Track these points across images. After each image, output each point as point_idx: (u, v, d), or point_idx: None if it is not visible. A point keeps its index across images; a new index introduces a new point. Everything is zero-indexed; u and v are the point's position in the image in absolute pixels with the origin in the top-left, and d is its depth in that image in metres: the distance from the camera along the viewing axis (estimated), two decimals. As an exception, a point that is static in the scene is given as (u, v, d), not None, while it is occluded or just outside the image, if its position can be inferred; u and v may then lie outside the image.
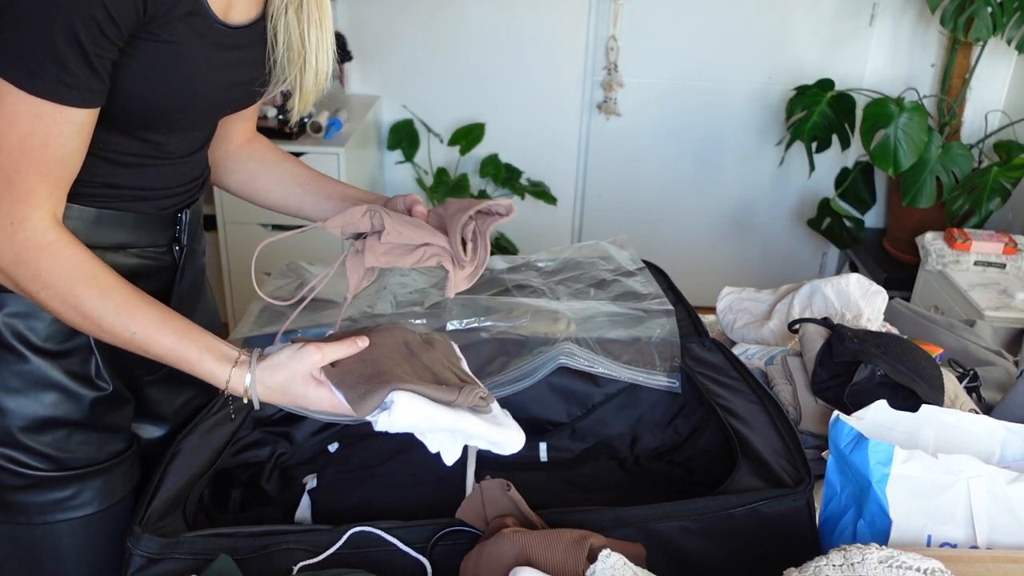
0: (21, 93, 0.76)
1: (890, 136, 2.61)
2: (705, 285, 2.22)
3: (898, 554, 0.73)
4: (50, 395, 0.92)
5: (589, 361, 1.15)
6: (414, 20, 3.03)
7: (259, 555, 0.88)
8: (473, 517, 0.91)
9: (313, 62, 0.95)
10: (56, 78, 0.77)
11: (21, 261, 0.81)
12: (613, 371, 1.15)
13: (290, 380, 0.86)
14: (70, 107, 0.79)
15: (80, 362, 0.94)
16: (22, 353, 0.90)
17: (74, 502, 0.94)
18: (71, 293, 0.82)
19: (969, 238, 2.53)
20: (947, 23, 2.66)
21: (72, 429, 0.94)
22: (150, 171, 0.94)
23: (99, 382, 0.95)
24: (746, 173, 3.25)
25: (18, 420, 0.91)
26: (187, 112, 0.92)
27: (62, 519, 0.94)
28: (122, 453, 0.99)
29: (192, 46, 0.85)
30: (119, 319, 0.84)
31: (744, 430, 1.06)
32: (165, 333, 0.85)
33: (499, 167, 3.17)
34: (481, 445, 0.92)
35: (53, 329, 0.91)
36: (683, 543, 0.92)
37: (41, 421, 0.92)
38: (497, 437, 0.90)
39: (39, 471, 0.92)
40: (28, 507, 0.93)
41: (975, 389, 1.38)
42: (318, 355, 0.86)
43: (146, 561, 0.87)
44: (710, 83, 3.11)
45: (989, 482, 0.88)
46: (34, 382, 0.91)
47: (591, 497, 1.15)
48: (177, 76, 0.86)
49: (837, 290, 1.41)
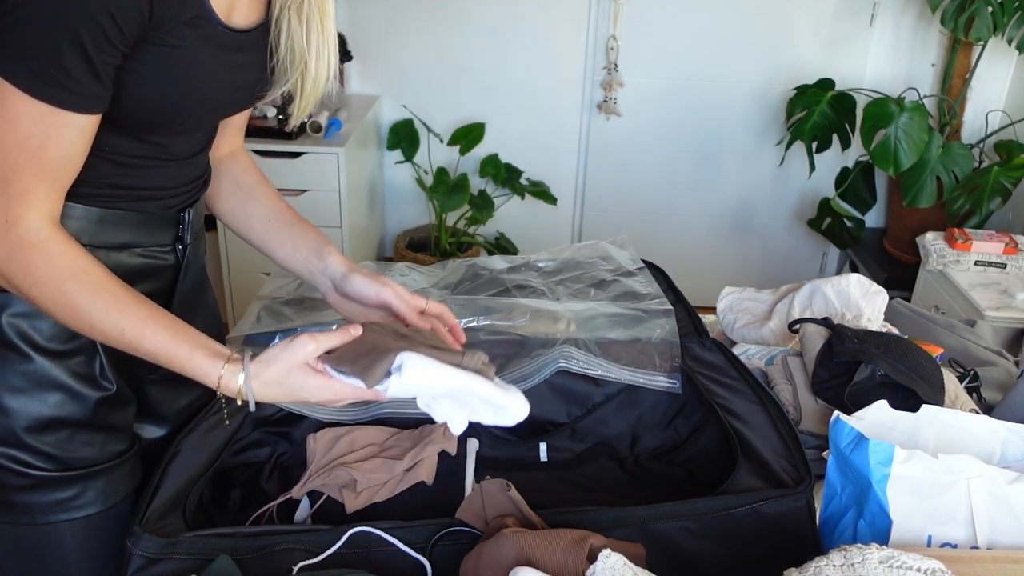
0: (23, 96, 0.77)
1: (890, 136, 2.61)
2: (705, 285, 2.22)
3: (899, 554, 0.73)
4: (54, 395, 0.92)
5: (588, 364, 1.15)
6: (414, 20, 3.03)
7: (259, 555, 0.88)
8: (473, 517, 0.91)
9: (313, 67, 0.95)
10: (59, 83, 0.77)
11: (13, 258, 0.81)
12: (613, 373, 1.15)
13: (286, 372, 0.85)
14: (72, 112, 0.79)
15: (84, 362, 0.94)
16: (26, 353, 0.90)
17: (77, 502, 0.94)
18: (60, 290, 0.82)
19: (970, 238, 2.53)
20: (947, 23, 2.66)
21: (76, 429, 0.94)
22: (153, 172, 0.95)
23: (103, 382, 0.95)
24: (746, 173, 3.25)
25: (22, 420, 0.91)
26: (192, 114, 0.92)
27: (65, 519, 0.94)
28: (124, 453, 0.99)
29: (197, 49, 0.85)
30: (108, 315, 0.83)
31: (744, 430, 1.05)
32: (156, 330, 0.84)
33: (499, 167, 3.17)
34: (486, 418, 0.90)
35: (57, 329, 0.91)
36: (683, 543, 0.91)
37: (45, 421, 0.92)
38: (505, 401, 0.88)
39: (43, 471, 0.92)
40: (31, 507, 0.92)
41: (975, 389, 1.38)
42: (312, 344, 0.85)
43: (146, 561, 0.87)
44: (710, 83, 3.11)
45: (989, 482, 0.88)
46: (38, 382, 0.91)
47: (591, 497, 1.15)
48: (183, 80, 0.86)
49: (837, 290, 1.41)
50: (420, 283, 1.37)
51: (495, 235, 3.32)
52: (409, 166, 3.18)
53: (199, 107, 0.91)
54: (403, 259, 3.03)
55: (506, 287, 1.35)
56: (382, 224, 3.36)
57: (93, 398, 0.94)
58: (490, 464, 1.11)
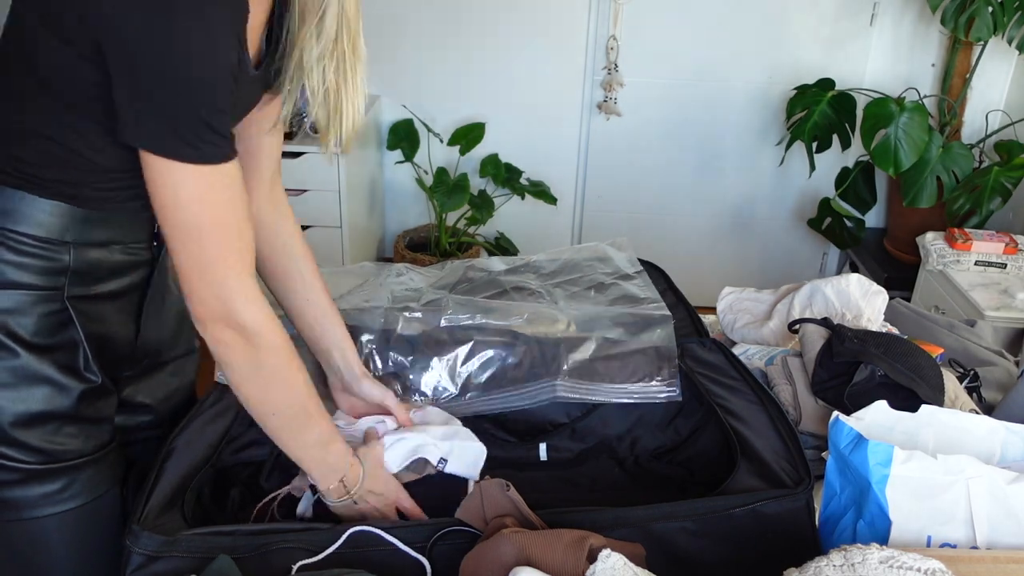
0: (190, 167, 0.81)
1: (891, 136, 2.61)
2: (705, 285, 2.22)
3: (899, 554, 0.73)
4: (41, 389, 0.92)
5: (585, 393, 1.17)
6: (414, 20, 3.03)
7: (258, 554, 0.88)
8: (472, 517, 0.91)
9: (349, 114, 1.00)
10: (210, 142, 0.82)
11: (236, 345, 0.88)
12: (612, 397, 1.16)
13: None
14: (229, 163, 0.84)
15: (69, 355, 0.94)
16: (12, 348, 0.90)
17: (63, 495, 0.94)
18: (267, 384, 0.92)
19: (970, 238, 2.53)
20: (948, 23, 2.66)
21: (62, 422, 0.94)
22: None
23: (88, 374, 0.96)
24: (746, 173, 3.25)
25: (8, 416, 0.91)
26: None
27: (51, 512, 0.94)
28: (108, 444, 1.00)
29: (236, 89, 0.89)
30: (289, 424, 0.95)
31: (744, 430, 1.05)
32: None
33: (499, 167, 3.17)
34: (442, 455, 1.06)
35: (41, 324, 0.91)
36: (683, 543, 0.91)
37: (32, 416, 0.92)
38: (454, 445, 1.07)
39: (30, 464, 0.92)
40: (18, 502, 0.93)
41: (975, 389, 1.38)
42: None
43: (145, 559, 0.86)
44: (710, 83, 3.11)
45: (989, 482, 0.88)
46: (25, 377, 0.91)
47: (591, 497, 1.14)
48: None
49: (837, 290, 1.41)
50: (418, 283, 1.37)
51: (495, 235, 3.32)
52: (409, 166, 3.18)
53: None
54: (403, 259, 3.03)
55: (504, 288, 1.35)
56: (382, 224, 3.36)
57: (78, 390, 0.95)
58: (490, 464, 1.11)
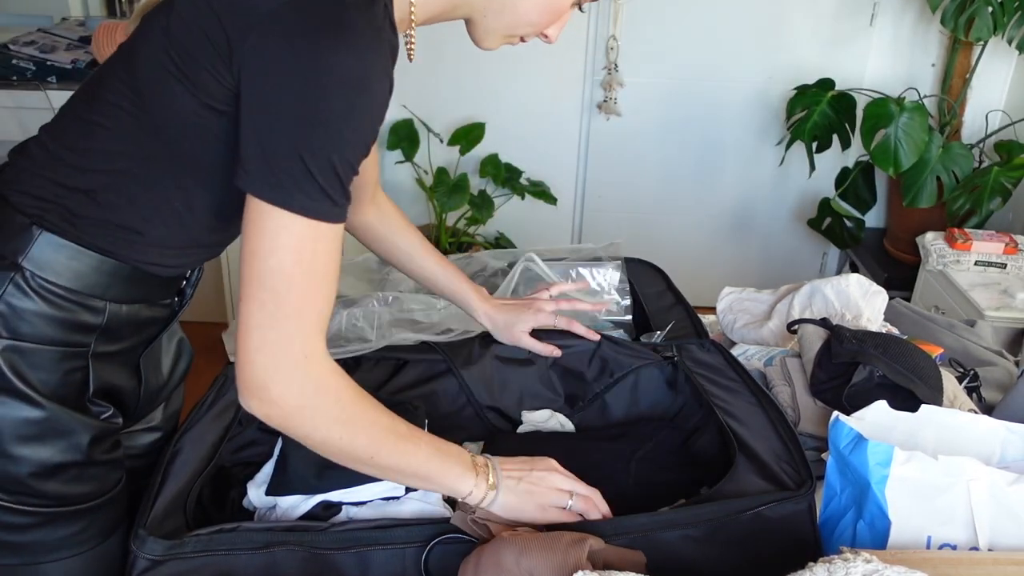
0: (300, 219, 0.77)
1: (890, 136, 2.61)
2: (705, 285, 2.21)
3: (883, 567, 0.73)
4: (63, 441, 0.90)
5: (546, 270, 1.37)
6: (414, 20, 3.03)
7: (258, 552, 0.87)
8: (466, 524, 0.90)
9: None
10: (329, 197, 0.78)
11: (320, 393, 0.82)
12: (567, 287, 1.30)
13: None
14: (338, 224, 0.80)
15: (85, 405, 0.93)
16: (36, 400, 0.88)
17: (82, 536, 0.93)
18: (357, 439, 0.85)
19: (970, 238, 2.53)
20: (948, 23, 2.66)
21: (82, 468, 0.92)
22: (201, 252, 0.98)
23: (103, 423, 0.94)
24: (746, 173, 3.25)
25: (29, 467, 0.89)
26: None
27: (68, 555, 0.92)
28: (120, 481, 0.98)
29: None
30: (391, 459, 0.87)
31: (743, 431, 1.05)
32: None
33: (499, 167, 3.17)
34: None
35: (64, 379, 0.90)
36: (683, 546, 0.91)
37: (53, 466, 0.90)
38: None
39: (50, 508, 0.90)
40: (35, 547, 0.90)
41: (975, 389, 1.37)
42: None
43: (151, 563, 0.86)
44: (710, 83, 3.11)
45: (990, 484, 0.88)
46: (47, 429, 0.89)
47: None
48: None
49: (837, 290, 1.41)
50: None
51: (495, 235, 3.32)
52: (409, 166, 3.18)
53: None
54: (403, 259, 3.03)
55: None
56: (382, 224, 3.36)
57: (93, 434, 0.93)
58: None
